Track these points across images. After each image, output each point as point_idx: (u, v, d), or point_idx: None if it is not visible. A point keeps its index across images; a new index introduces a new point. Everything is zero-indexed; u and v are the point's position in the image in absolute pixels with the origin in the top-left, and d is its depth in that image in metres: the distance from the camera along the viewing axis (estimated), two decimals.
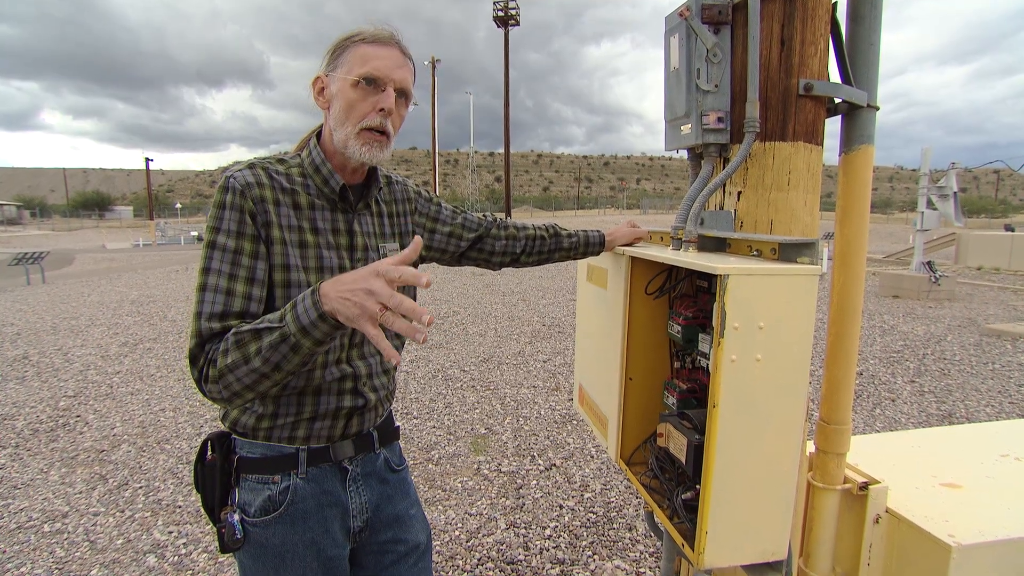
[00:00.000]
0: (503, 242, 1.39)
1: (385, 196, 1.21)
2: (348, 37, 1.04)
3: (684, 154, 1.35)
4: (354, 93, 1.02)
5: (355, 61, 1.02)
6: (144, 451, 3.72)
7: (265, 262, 0.99)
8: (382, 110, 1.03)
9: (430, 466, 3.46)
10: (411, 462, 3.51)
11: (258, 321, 0.89)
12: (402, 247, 1.21)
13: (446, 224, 1.32)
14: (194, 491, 3.13)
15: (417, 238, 0.84)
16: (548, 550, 2.60)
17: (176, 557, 2.57)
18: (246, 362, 0.87)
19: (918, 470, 1.40)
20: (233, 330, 0.90)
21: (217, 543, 1.06)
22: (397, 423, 1.28)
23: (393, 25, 1.07)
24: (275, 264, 1.00)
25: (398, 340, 1.20)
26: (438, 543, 2.66)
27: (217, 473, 1.06)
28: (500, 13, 38.64)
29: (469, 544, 2.65)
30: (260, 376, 0.88)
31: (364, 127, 1.03)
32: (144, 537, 2.73)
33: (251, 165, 1.03)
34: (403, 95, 1.07)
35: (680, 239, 1.22)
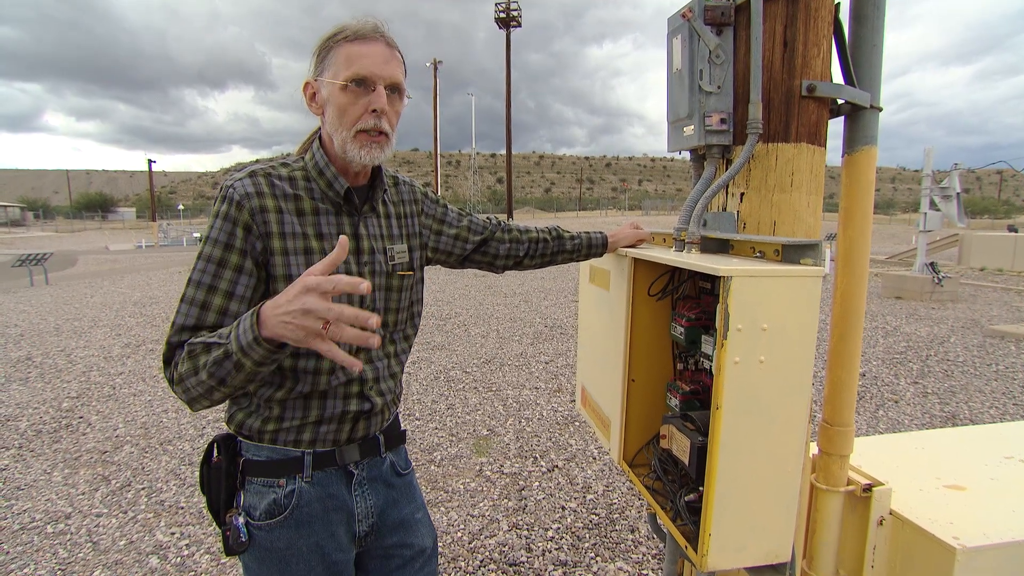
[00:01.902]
0: (507, 245, 1.38)
1: (392, 197, 1.19)
2: (331, 37, 1.02)
3: (687, 155, 1.36)
4: (344, 97, 1.00)
5: (341, 63, 0.99)
6: (147, 452, 3.73)
7: (251, 277, 0.98)
8: (375, 111, 1.01)
9: (432, 468, 3.46)
10: (413, 464, 3.51)
11: (213, 334, 0.90)
12: (409, 249, 1.20)
13: (452, 226, 1.31)
14: (199, 492, 3.13)
15: (343, 238, 0.81)
16: (550, 552, 2.59)
17: (179, 558, 2.57)
18: (195, 373, 0.89)
19: (922, 472, 1.40)
20: (189, 340, 0.92)
21: (222, 545, 1.06)
22: (403, 427, 1.27)
23: (377, 16, 1.03)
24: (276, 275, 0.99)
25: (405, 343, 1.20)
26: (440, 545, 2.66)
27: (223, 475, 1.06)
28: (502, 14, 38.70)
29: (471, 546, 2.65)
30: (209, 388, 0.89)
31: (359, 130, 1.01)
32: (147, 538, 2.73)
33: (252, 173, 1.01)
34: (395, 90, 1.04)
35: (683, 240, 1.22)
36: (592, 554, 2.57)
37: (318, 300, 0.76)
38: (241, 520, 1.04)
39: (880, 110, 1.17)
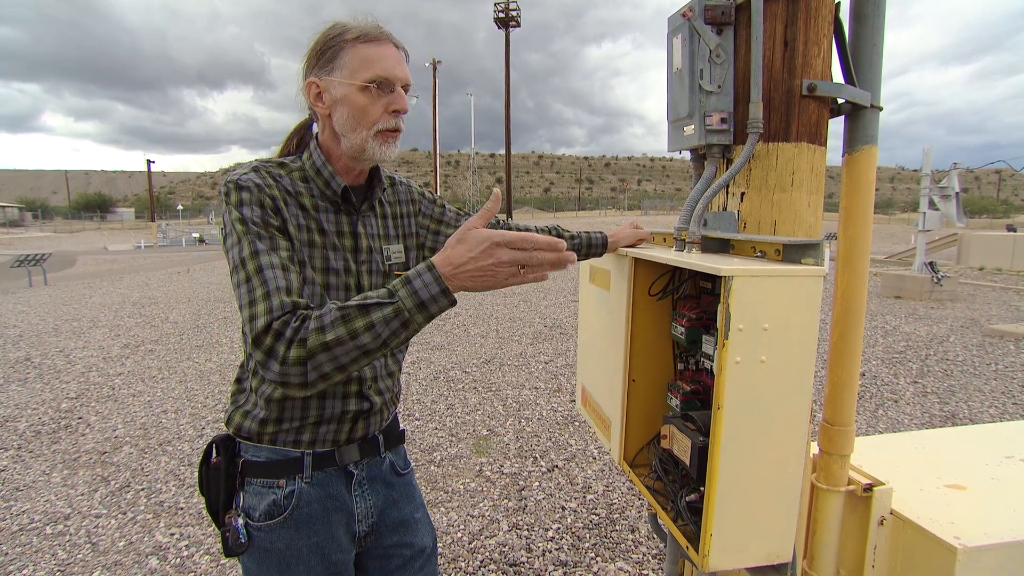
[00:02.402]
0: None
1: (389, 197, 1.20)
2: (336, 35, 1.01)
3: (686, 155, 1.35)
4: (364, 98, 1.00)
5: (357, 64, 1.00)
6: (146, 453, 3.72)
7: (293, 243, 0.98)
8: (396, 111, 1.02)
9: (432, 468, 3.46)
10: (413, 464, 3.51)
11: (360, 297, 0.86)
12: (406, 249, 1.20)
13: (450, 226, 1.31)
14: (198, 494, 3.13)
15: (496, 190, 0.89)
16: (551, 552, 2.59)
17: (178, 559, 2.57)
18: (352, 338, 0.83)
19: (922, 472, 1.40)
20: (335, 306, 0.86)
21: (222, 547, 1.06)
22: (403, 427, 1.27)
23: (376, 15, 1.04)
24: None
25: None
26: (440, 545, 2.66)
27: (222, 476, 1.06)
28: (501, 14, 38.69)
29: (471, 546, 2.65)
30: (363, 353, 0.84)
31: (380, 130, 1.02)
32: (146, 539, 2.73)
33: (255, 168, 1.01)
34: (407, 89, 1.06)
35: (683, 240, 1.22)
36: (592, 554, 2.57)
37: (512, 252, 0.83)
38: (240, 521, 1.04)
39: (880, 109, 1.17)
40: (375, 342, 0.84)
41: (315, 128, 1.12)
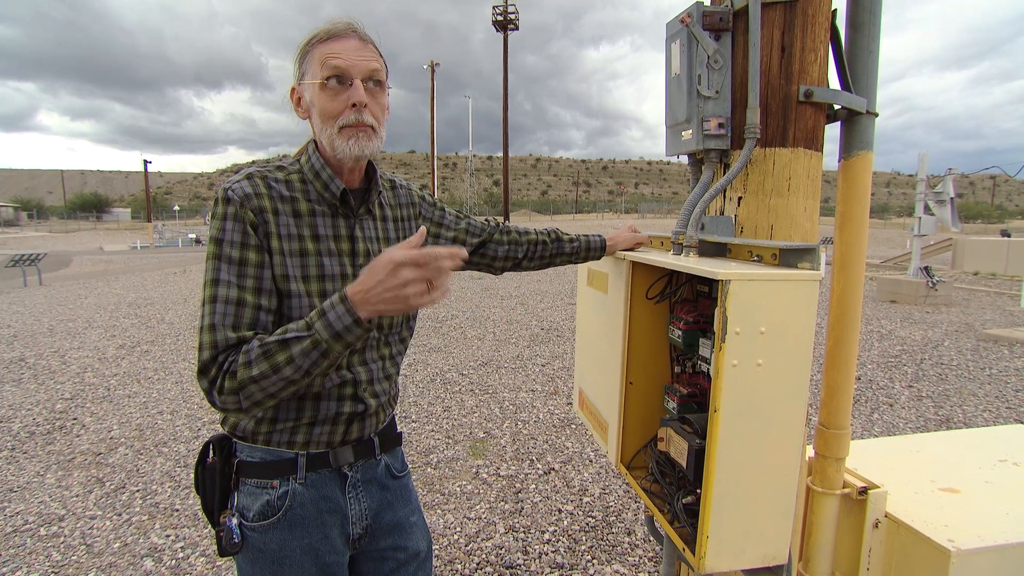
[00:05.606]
0: (506, 247, 1.39)
1: (389, 200, 1.20)
2: (308, 41, 1.03)
3: (684, 159, 1.36)
4: (323, 96, 1.01)
5: (316, 64, 1.01)
6: (141, 454, 3.71)
7: (269, 270, 0.99)
8: (354, 105, 1.01)
9: (428, 470, 3.46)
10: (409, 466, 3.50)
11: (280, 332, 0.90)
12: None
13: (450, 229, 1.32)
14: (194, 495, 3.12)
15: (421, 228, 0.90)
16: (547, 554, 2.59)
17: (173, 561, 2.56)
18: (275, 372, 0.88)
19: (917, 475, 1.41)
20: (257, 342, 0.90)
21: (216, 546, 1.06)
22: (400, 429, 1.27)
23: (351, 15, 1.05)
24: (275, 275, 1.00)
25: (401, 345, 1.20)
26: (437, 547, 2.66)
27: (217, 476, 1.06)
28: (499, 17, 38.78)
29: (468, 548, 2.65)
30: (287, 383, 0.90)
31: (342, 126, 1.02)
32: (141, 541, 2.72)
33: (249, 176, 1.01)
34: (375, 82, 1.04)
35: (681, 244, 1.22)
36: (589, 557, 2.57)
37: (415, 270, 0.85)
38: (235, 521, 1.04)
39: (876, 115, 1.18)
40: (297, 373, 0.89)
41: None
